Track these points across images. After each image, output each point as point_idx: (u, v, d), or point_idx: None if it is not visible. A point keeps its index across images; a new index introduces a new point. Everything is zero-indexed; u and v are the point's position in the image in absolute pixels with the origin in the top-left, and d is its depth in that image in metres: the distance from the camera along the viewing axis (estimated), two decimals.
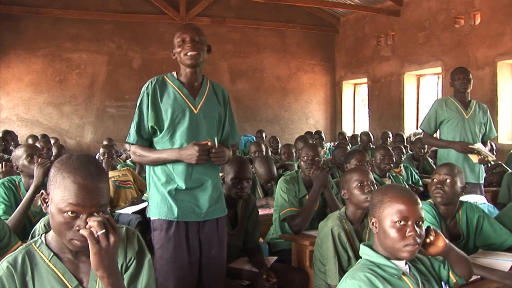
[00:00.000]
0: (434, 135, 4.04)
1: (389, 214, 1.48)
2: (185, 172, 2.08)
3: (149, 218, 2.14)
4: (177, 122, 2.09)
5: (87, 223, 1.23)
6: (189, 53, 2.07)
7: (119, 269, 1.32)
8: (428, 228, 1.59)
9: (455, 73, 3.87)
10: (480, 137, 3.84)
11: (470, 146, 3.66)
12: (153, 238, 2.10)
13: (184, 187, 2.08)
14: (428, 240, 1.57)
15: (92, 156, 1.38)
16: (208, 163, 2.12)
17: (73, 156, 1.31)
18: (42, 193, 1.30)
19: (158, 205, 2.09)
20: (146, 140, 2.13)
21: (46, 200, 1.29)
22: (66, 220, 1.23)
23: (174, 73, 2.19)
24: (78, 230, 1.23)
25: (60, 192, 1.23)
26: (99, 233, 1.20)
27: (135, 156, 2.16)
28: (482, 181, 3.86)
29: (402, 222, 1.46)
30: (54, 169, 1.28)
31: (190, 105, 2.12)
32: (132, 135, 2.11)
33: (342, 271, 2.14)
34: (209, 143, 2.03)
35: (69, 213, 1.22)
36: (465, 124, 3.77)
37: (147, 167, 2.19)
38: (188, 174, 2.08)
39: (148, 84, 2.11)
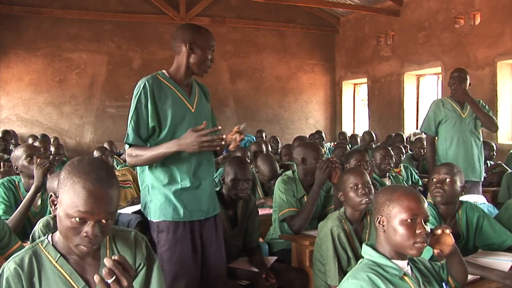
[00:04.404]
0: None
1: (399, 212, 1.51)
2: (190, 170, 2.07)
3: (150, 220, 2.10)
4: (178, 122, 2.07)
5: (93, 230, 1.21)
6: (209, 67, 2.14)
7: None
8: (435, 228, 1.60)
9: (453, 71, 3.95)
10: (480, 133, 3.87)
11: None
12: (159, 240, 2.05)
13: (188, 185, 2.06)
14: (439, 231, 1.57)
15: (104, 161, 1.35)
16: (207, 160, 2.14)
17: (84, 159, 1.28)
18: (51, 195, 1.29)
19: (161, 206, 2.05)
20: (144, 141, 2.06)
21: (55, 203, 1.28)
22: (74, 226, 1.22)
23: (165, 72, 2.15)
24: (85, 236, 1.22)
25: (70, 197, 1.22)
26: (109, 281, 1.15)
27: (131, 158, 2.05)
28: (482, 179, 3.90)
29: (412, 220, 1.49)
30: (65, 172, 1.25)
31: (188, 105, 2.12)
32: (130, 136, 2.03)
33: (341, 271, 2.15)
34: (203, 125, 1.99)
35: (77, 219, 1.21)
36: (463, 123, 3.82)
37: (143, 170, 2.11)
38: (191, 172, 2.07)
39: (145, 83, 2.04)
